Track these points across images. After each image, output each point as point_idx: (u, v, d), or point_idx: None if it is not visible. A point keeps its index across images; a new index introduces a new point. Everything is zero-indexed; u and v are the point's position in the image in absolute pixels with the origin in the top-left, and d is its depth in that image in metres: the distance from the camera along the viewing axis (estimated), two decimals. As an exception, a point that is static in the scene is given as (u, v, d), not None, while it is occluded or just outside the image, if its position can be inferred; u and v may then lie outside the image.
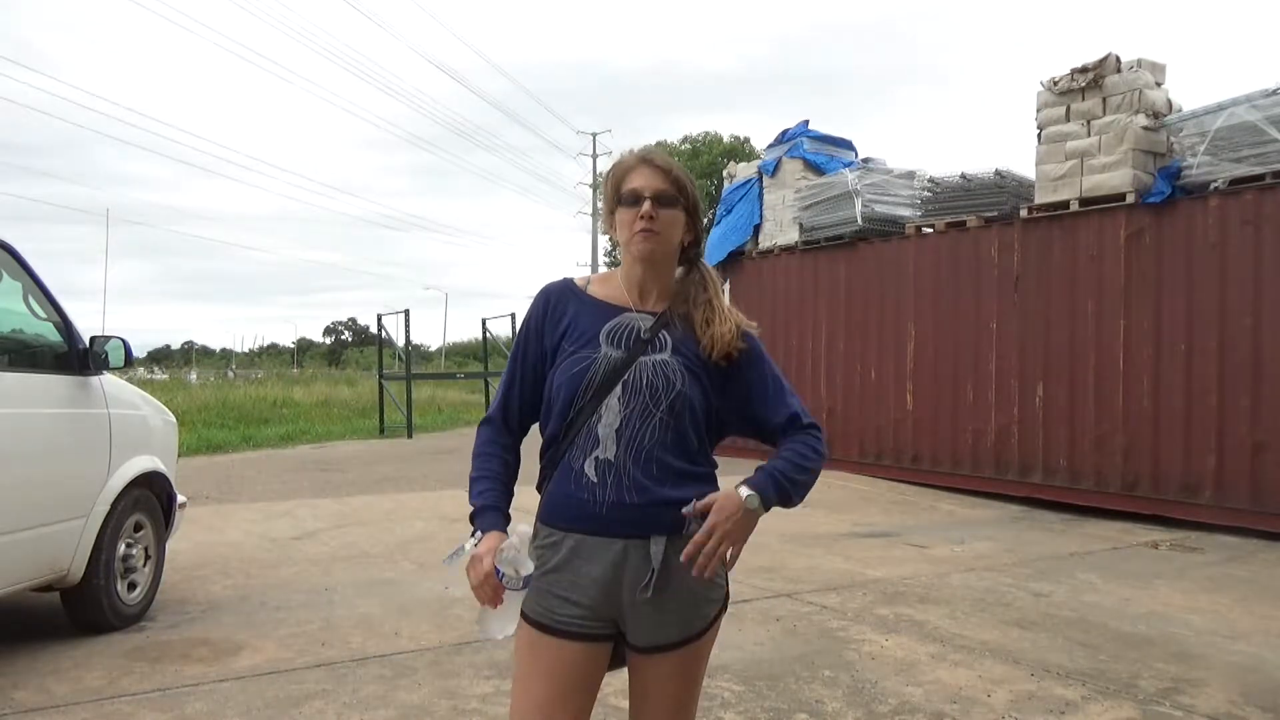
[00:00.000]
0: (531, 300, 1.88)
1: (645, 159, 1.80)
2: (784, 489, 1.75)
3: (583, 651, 1.72)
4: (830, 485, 10.25)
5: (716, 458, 1.87)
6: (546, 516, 1.78)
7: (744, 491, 1.71)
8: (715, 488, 1.79)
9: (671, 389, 1.72)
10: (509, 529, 1.74)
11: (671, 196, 1.77)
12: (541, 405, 1.82)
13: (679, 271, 1.87)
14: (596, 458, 1.71)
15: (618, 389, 1.72)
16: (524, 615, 1.74)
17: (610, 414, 1.71)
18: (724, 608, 1.82)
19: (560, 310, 1.81)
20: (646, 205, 1.74)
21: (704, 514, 1.68)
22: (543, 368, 1.81)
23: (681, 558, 1.68)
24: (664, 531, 1.70)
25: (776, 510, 1.82)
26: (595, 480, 1.70)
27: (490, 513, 1.77)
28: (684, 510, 1.70)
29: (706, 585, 1.74)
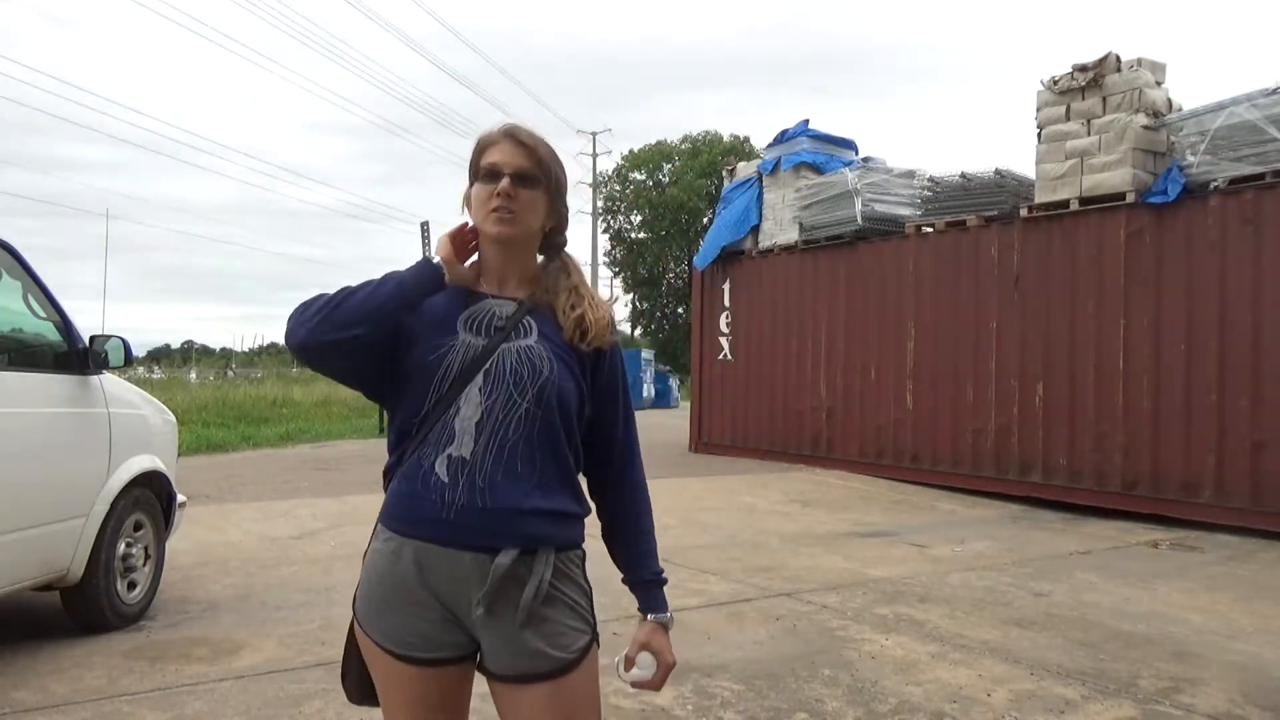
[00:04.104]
0: None
1: (510, 133, 1.64)
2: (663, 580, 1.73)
3: (443, 676, 1.58)
4: (830, 485, 10.25)
5: (702, 456, 1.78)
6: (387, 518, 1.59)
7: (665, 619, 1.68)
8: (580, 497, 1.63)
9: (539, 375, 1.55)
10: None
11: (534, 176, 1.61)
12: (378, 381, 1.63)
13: (541, 260, 1.72)
14: (450, 455, 1.53)
15: (479, 378, 1.55)
16: (372, 639, 1.59)
17: (470, 406, 1.54)
18: (594, 639, 1.61)
19: None
20: (504, 183, 1.58)
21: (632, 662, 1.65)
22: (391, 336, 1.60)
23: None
24: (517, 544, 1.52)
25: (776, 510, 1.84)
26: (446, 480, 1.52)
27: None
28: (617, 663, 1.67)
29: (565, 610, 1.57)
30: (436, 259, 1.60)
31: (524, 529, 1.53)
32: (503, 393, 1.55)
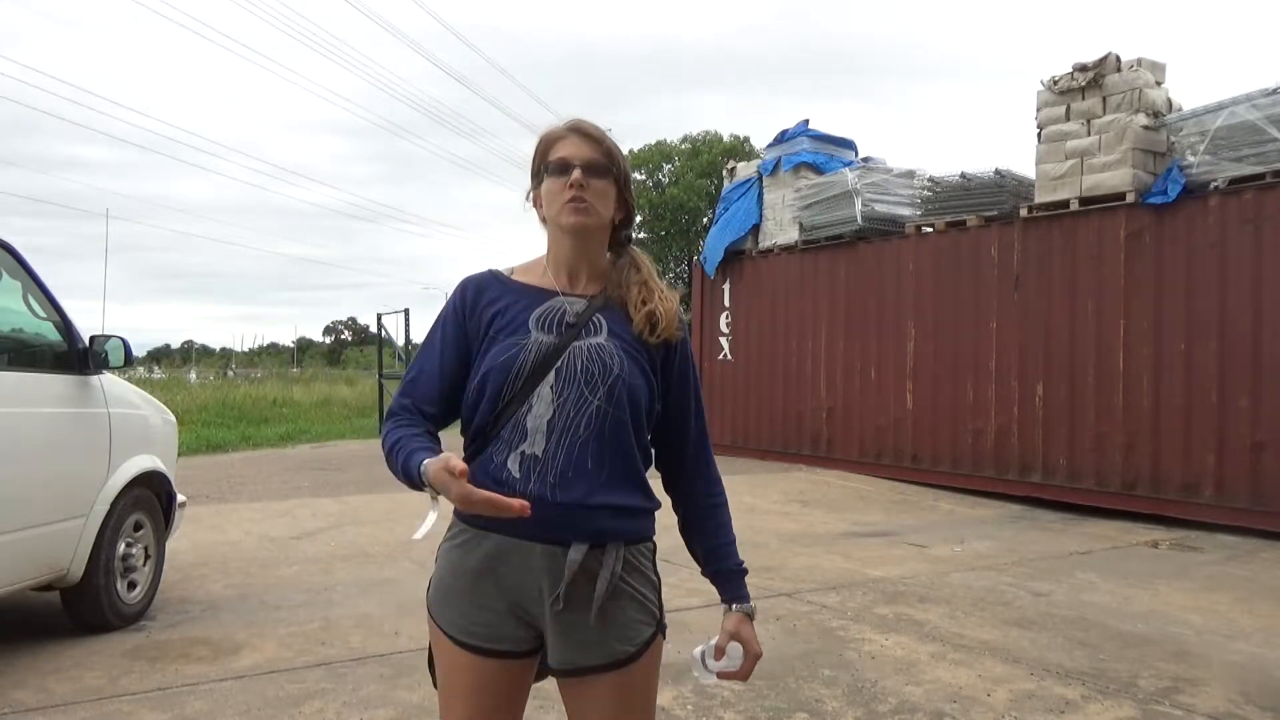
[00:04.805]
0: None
1: (576, 128, 1.67)
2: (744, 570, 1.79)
3: (502, 669, 1.61)
4: (830, 484, 10.25)
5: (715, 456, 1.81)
6: (462, 512, 1.62)
7: (750, 609, 1.77)
8: (649, 492, 1.65)
9: (609, 373, 1.58)
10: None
11: (603, 166, 1.64)
12: (462, 399, 1.67)
13: (609, 256, 1.75)
14: (523, 453, 1.56)
15: (550, 377, 1.58)
16: (438, 625, 1.64)
17: (542, 404, 1.57)
18: (659, 630, 1.66)
19: (486, 297, 1.68)
20: (576, 174, 1.61)
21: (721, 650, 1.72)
22: (464, 354, 1.65)
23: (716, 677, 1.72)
24: (587, 539, 1.56)
25: (776, 510, 1.85)
26: (518, 476, 1.55)
27: (428, 453, 1.54)
28: (699, 653, 1.74)
29: (632, 604, 1.61)
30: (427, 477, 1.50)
31: (593, 524, 1.56)
32: (574, 391, 1.58)
